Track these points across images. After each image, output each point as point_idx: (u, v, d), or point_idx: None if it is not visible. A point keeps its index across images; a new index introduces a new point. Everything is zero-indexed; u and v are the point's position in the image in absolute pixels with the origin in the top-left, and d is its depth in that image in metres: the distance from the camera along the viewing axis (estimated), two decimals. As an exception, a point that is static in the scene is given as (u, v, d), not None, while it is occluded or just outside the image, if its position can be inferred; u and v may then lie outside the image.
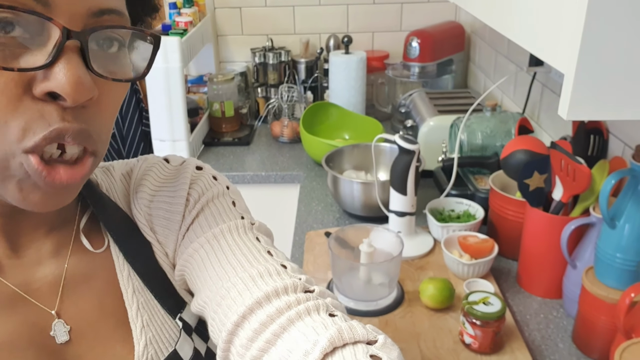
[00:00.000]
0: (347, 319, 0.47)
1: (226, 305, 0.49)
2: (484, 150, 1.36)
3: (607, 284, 0.88)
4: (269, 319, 0.46)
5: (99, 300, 0.52)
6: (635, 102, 0.58)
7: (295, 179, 1.68)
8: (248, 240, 0.54)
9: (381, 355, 0.44)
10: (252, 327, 0.46)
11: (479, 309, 0.87)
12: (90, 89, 0.39)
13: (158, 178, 0.58)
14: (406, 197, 1.15)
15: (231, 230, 0.55)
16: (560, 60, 0.60)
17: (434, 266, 1.14)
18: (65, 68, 0.38)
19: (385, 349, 0.45)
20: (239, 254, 0.52)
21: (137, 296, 0.53)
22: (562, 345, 0.95)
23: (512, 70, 1.59)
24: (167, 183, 0.58)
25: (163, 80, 1.60)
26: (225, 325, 0.48)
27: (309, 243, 1.23)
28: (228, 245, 0.53)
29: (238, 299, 0.48)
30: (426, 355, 0.89)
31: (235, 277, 0.50)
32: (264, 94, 2.09)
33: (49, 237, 0.51)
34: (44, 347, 0.49)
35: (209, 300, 0.51)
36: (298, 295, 0.48)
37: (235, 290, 0.49)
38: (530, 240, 1.05)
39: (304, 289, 0.50)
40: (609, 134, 1.09)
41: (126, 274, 0.54)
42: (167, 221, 0.57)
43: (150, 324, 0.53)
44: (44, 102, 0.39)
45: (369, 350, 0.44)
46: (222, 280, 0.50)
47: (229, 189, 0.60)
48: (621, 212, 0.85)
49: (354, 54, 1.86)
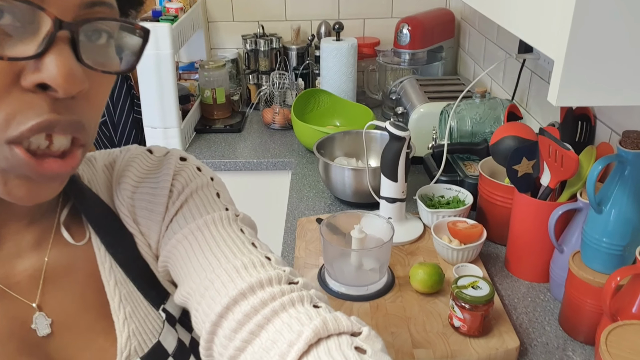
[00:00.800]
0: (331, 311, 0.48)
1: (210, 297, 0.49)
2: (473, 137, 1.37)
3: (593, 268, 0.90)
4: (252, 310, 0.46)
5: (80, 293, 0.52)
6: (625, 88, 0.59)
7: (286, 166, 1.69)
8: (232, 231, 0.54)
9: (365, 347, 0.44)
10: (235, 319, 0.46)
11: (468, 293, 0.89)
12: (81, 81, 0.39)
13: (141, 169, 0.58)
14: (397, 183, 1.16)
15: (215, 221, 0.55)
16: (550, 46, 0.61)
17: (423, 251, 1.15)
18: (57, 59, 0.38)
19: (369, 340, 0.45)
20: (223, 245, 0.52)
21: (120, 288, 0.53)
22: (548, 328, 0.97)
23: (502, 57, 1.59)
24: (151, 174, 0.58)
25: (154, 67, 1.59)
26: (208, 317, 0.48)
27: (300, 229, 1.24)
28: (212, 237, 0.53)
29: (222, 291, 0.48)
30: (416, 339, 0.90)
31: (219, 269, 0.50)
32: (255, 80, 2.08)
33: (29, 230, 0.51)
34: (25, 340, 0.48)
35: (192, 292, 0.51)
36: (282, 287, 0.48)
37: (219, 281, 0.49)
38: (518, 225, 1.07)
39: (288, 280, 0.50)
40: (596, 120, 1.10)
41: (108, 266, 0.53)
42: (150, 212, 0.56)
43: (133, 315, 0.53)
44: (32, 93, 0.38)
45: (353, 342, 0.44)
46: (205, 272, 0.50)
47: (213, 180, 0.60)
48: (608, 198, 0.87)
49: (345, 41, 1.86)
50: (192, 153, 1.74)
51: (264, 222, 1.96)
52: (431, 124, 1.45)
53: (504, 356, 0.88)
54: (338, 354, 0.42)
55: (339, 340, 0.44)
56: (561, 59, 0.57)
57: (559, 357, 0.90)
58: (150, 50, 1.57)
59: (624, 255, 0.87)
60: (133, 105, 1.95)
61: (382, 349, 0.45)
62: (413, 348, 0.88)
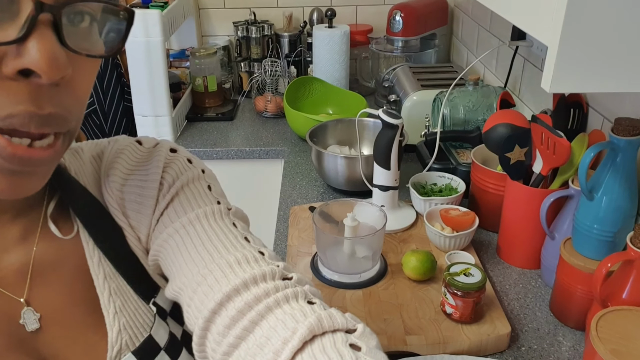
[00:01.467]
0: (325, 307, 0.47)
1: (202, 292, 0.48)
2: (466, 125, 1.37)
3: (584, 254, 0.90)
4: (246, 306, 0.46)
5: (69, 287, 0.51)
6: (618, 75, 0.59)
7: (279, 154, 1.68)
8: (224, 225, 0.54)
9: (360, 344, 0.44)
10: (229, 315, 0.46)
11: (460, 280, 0.89)
12: (65, 66, 0.37)
13: (130, 161, 0.56)
14: (389, 171, 1.16)
15: (207, 215, 0.53)
16: (545, 33, 0.60)
17: (416, 239, 1.15)
18: (39, 43, 0.36)
19: (364, 337, 0.45)
20: (216, 240, 0.52)
21: (109, 282, 0.52)
22: (539, 314, 0.98)
23: (495, 44, 1.59)
24: (140, 166, 0.56)
25: (144, 54, 1.57)
26: (201, 313, 0.47)
27: (293, 218, 1.24)
28: (204, 231, 0.52)
29: (215, 286, 0.47)
30: (408, 325, 0.91)
31: (212, 264, 0.49)
32: (247, 68, 2.07)
33: (15, 223, 0.49)
34: (14, 335, 0.47)
35: (184, 287, 0.50)
36: (276, 283, 0.48)
37: (212, 277, 0.48)
38: (510, 212, 1.07)
39: (282, 276, 0.49)
40: (588, 108, 1.10)
41: (97, 260, 0.52)
42: (139, 205, 0.55)
43: (123, 309, 0.52)
44: (14, 81, 0.36)
45: (348, 339, 0.44)
46: (198, 267, 0.50)
47: (205, 173, 0.59)
48: (599, 185, 0.87)
49: (338, 28, 1.85)
50: (184, 141, 1.73)
51: (256, 211, 1.96)
52: (424, 112, 1.44)
53: (495, 342, 0.89)
54: (333, 351, 0.42)
55: (334, 338, 0.43)
56: (555, 45, 0.57)
57: (549, 342, 0.91)
58: (140, 37, 1.55)
59: (614, 241, 0.88)
60: (123, 93, 1.93)
61: (377, 345, 0.45)
62: (405, 334, 0.89)
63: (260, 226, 1.78)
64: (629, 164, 0.85)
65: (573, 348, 0.90)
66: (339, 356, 0.41)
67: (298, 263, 1.08)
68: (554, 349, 0.90)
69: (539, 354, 0.89)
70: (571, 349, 0.90)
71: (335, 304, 0.95)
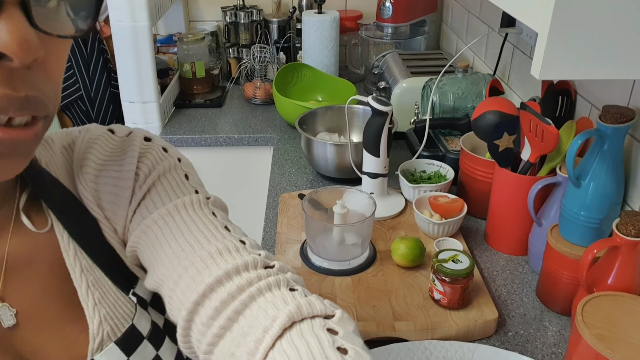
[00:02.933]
0: (307, 294, 0.48)
1: (184, 284, 0.48)
2: (455, 112, 1.37)
3: (570, 240, 0.91)
4: (230, 296, 0.46)
5: (45, 282, 0.50)
6: (607, 62, 0.59)
7: (268, 142, 1.68)
8: (204, 215, 0.53)
9: (337, 329, 0.45)
10: (213, 305, 0.46)
11: (448, 267, 0.90)
12: (37, 47, 0.35)
13: (103, 151, 0.55)
14: (379, 158, 1.16)
15: (185, 205, 0.53)
16: (534, 19, 0.60)
17: (405, 226, 1.16)
18: (8, 25, 0.34)
19: (341, 322, 0.46)
20: (195, 230, 0.51)
21: (86, 275, 0.51)
22: (526, 299, 0.99)
23: (484, 31, 1.59)
24: (114, 156, 0.55)
25: (130, 39, 1.55)
26: (184, 305, 0.47)
27: (282, 205, 1.24)
28: (183, 222, 0.51)
29: (197, 278, 0.47)
30: (397, 311, 0.91)
31: (192, 255, 0.49)
32: (236, 54, 2.05)
33: None
34: None
35: (165, 279, 0.49)
36: (258, 272, 0.48)
37: (193, 268, 0.48)
38: (498, 199, 1.08)
39: (264, 264, 0.50)
40: (576, 95, 1.11)
41: (72, 253, 0.51)
42: (115, 197, 0.54)
43: (102, 301, 0.51)
44: None
45: (326, 324, 0.45)
46: (179, 259, 0.49)
47: (181, 162, 0.58)
48: (586, 172, 0.88)
49: (327, 14, 1.83)
50: (172, 128, 1.72)
51: (245, 198, 1.96)
52: (413, 99, 1.44)
53: (482, 327, 0.90)
54: (311, 335, 0.43)
55: (312, 323, 0.44)
56: (545, 32, 0.57)
57: (535, 327, 0.92)
58: (126, 22, 1.53)
59: (601, 228, 0.89)
60: (110, 79, 1.91)
61: (355, 331, 0.46)
62: (394, 320, 0.89)
63: (249, 213, 1.78)
64: (616, 151, 0.86)
65: (559, 333, 0.91)
66: (317, 340, 0.42)
67: (287, 250, 1.08)
68: (540, 334, 0.91)
69: (526, 339, 0.90)
70: (557, 333, 0.91)
71: (325, 290, 0.96)
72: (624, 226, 0.77)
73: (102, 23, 1.90)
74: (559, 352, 0.87)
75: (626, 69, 0.59)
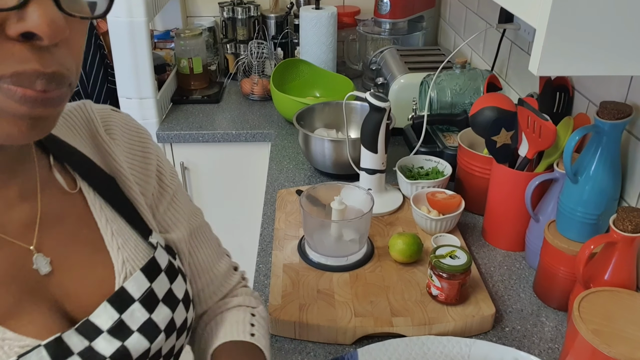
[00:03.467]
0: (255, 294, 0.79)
1: (211, 291, 0.73)
2: (453, 108, 1.37)
3: (567, 236, 0.92)
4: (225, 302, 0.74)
5: (75, 232, 0.55)
6: (606, 58, 0.59)
7: (266, 137, 1.67)
8: (210, 232, 0.75)
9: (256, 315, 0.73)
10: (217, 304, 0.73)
11: (445, 263, 0.90)
12: (63, 28, 0.41)
13: (123, 127, 0.64)
14: (377, 154, 1.16)
15: (205, 226, 0.75)
16: (533, 15, 0.60)
17: (403, 222, 1.16)
18: (39, 9, 0.39)
19: (261, 314, 0.74)
20: (211, 249, 0.74)
21: (110, 224, 0.57)
22: (523, 295, 0.99)
23: (482, 27, 1.59)
24: (133, 131, 0.65)
25: (127, 35, 1.54)
26: (210, 299, 0.73)
27: (280, 201, 1.24)
28: (206, 239, 0.73)
29: (218, 291, 0.74)
30: (395, 307, 0.91)
31: (215, 269, 0.74)
32: (233, 50, 2.04)
33: (12, 182, 0.52)
34: (29, 281, 0.51)
35: (199, 273, 0.72)
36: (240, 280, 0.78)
37: (217, 281, 0.74)
38: (495, 195, 1.08)
39: (242, 275, 0.80)
40: (574, 91, 1.11)
41: (98, 207, 0.57)
42: (143, 170, 0.64)
43: (124, 245, 0.57)
44: (18, 42, 0.40)
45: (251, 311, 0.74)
46: (209, 269, 0.73)
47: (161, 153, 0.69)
48: (584, 168, 0.88)
49: (325, 10, 1.83)
50: (169, 124, 1.71)
51: (243, 194, 1.96)
52: (411, 95, 1.44)
53: (480, 323, 0.90)
54: (243, 312, 0.72)
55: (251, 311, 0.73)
56: (543, 27, 0.57)
57: (532, 322, 0.93)
58: (123, 17, 1.52)
59: (598, 224, 0.89)
60: (107, 75, 1.90)
61: (265, 316, 0.74)
62: (392, 316, 0.90)
63: (247, 210, 1.78)
64: (614, 147, 0.86)
65: (555, 328, 0.92)
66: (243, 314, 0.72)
67: (285, 246, 1.08)
68: (537, 330, 0.91)
69: (523, 334, 0.90)
70: (554, 329, 0.92)
71: (322, 286, 0.96)
72: (621, 222, 0.77)
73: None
74: (556, 348, 0.88)
75: (624, 65, 0.59)
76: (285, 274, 1.00)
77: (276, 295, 0.94)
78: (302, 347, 0.88)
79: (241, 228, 1.72)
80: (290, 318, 0.89)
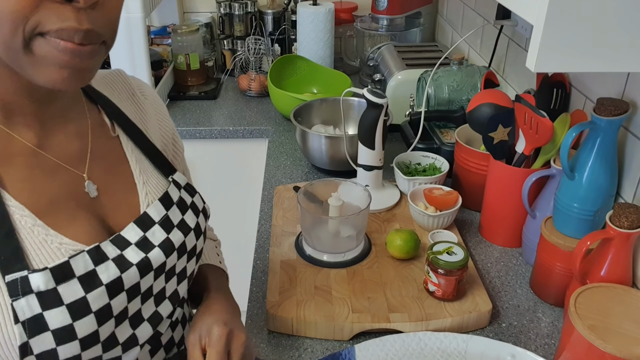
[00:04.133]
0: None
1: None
2: (450, 104, 1.37)
3: (564, 232, 0.92)
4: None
5: (114, 167, 0.69)
6: (603, 55, 0.59)
7: (263, 134, 1.67)
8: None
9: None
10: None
11: (443, 259, 0.90)
12: None
13: (153, 94, 0.80)
14: (374, 151, 1.16)
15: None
16: (530, 11, 0.60)
17: (400, 218, 1.16)
18: None
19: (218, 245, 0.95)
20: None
21: (139, 164, 0.72)
22: (520, 291, 1.00)
23: (480, 23, 1.59)
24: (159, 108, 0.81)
25: (124, 31, 1.54)
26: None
27: (277, 197, 1.24)
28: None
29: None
30: (392, 303, 0.92)
31: None
32: (230, 46, 2.04)
33: (69, 124, 0.65)
34: (81, 200, 0.65)
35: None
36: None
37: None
38: (492, 192, 1.08)
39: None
40: (571, 88, 1.11)
41: (130, 149, 0.71)
42: (162, 131, 0.79)
43: (148, 181, 0.71)
44: (60, 4, 0.50)
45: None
46: None
47: None
48: (580, 164, 0.88)
49: (322, 5, 1.82)
50: (167, 120, 1.71)
51: (240, 191, 1.95)
52: (409, 91, 1.44)
53: (476, 319, 0.90)
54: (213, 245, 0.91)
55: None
56: (540, 24, 0.57)
57: (529, 318, 0.93)
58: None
59: (594, 220, 0.89)
60: (104, 70, 1.89)
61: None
62: (389, 312, 0.90)
63: (244, 206, 1.78)
64: (610, 143, 0.86)
65: (552, 324, 0.92)
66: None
67: (282, 243, 1.08)
68: (533, 325, 0.92)
69: (519, 330, 0.91)
70: (550, 324, 0.92)
71: (320, 282, 0.96)
72: (617, 218, 0.77)
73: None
74: (552, 343, 0.88)
75: (620, 61, 0.60)
76: (282, 270, 1.00)
77: (273, 292, 0.94)
78: (300, 343, 0.88)
79: (238, 224, 1.72)
80: (287, 314, 0.89)
